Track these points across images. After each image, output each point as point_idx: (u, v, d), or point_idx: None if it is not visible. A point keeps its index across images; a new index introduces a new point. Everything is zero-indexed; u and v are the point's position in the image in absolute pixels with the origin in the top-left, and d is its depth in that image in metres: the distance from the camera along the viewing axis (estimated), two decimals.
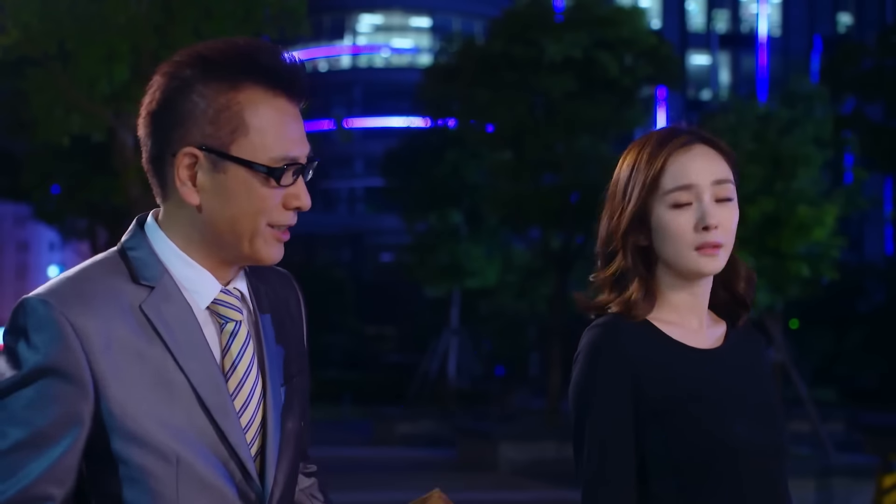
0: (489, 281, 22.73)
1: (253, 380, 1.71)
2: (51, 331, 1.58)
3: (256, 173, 1.66)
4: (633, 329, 2.03)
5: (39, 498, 1.57)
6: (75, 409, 1.59)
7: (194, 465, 1.62)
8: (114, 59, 11.70)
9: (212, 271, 1.71)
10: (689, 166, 2.02)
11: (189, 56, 1.70)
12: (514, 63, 17.14)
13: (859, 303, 28.87)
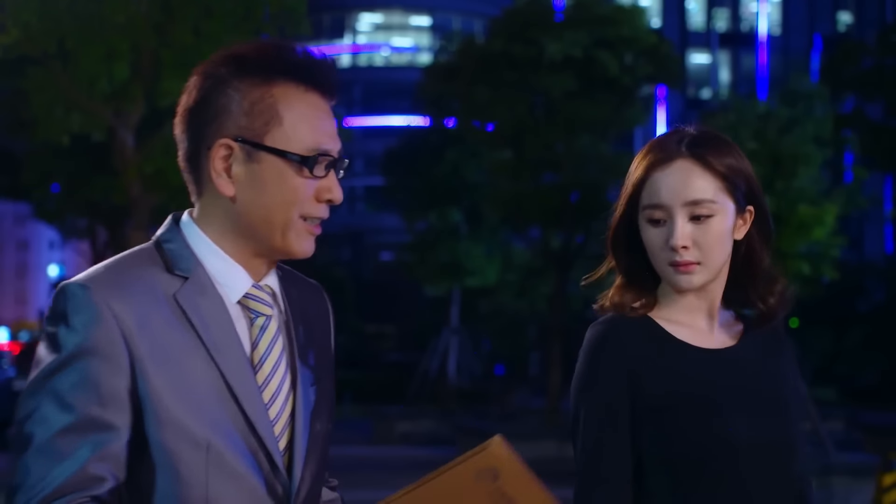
0: (489, 280, 22.73)
1: (281, 375, 1.73)
2: (90, 313, 1.61)
3: (290, 163, 1.70)
4: (634, 327, 2.05)
5: (93, 478, 1.58)
6: (117, 389, 1.61)
7: (224, 454, 1.64)
8: (114, 58, 11.70)
9: (244, 266, 1.74)
10: (662, 185, 2.02)
11: (223, 56, 1.75)
12: (514, 62, 17.14)
13: (859, 302, 28.87)
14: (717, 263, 2.04)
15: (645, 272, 2.10)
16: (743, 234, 2.09)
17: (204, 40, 11.87)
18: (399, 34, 49.21)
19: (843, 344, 26.76)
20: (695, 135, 2.07)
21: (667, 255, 2.02)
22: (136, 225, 12.80)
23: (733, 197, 2.04)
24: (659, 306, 2.10)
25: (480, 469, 1.68)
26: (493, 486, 1.69)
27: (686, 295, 2.08)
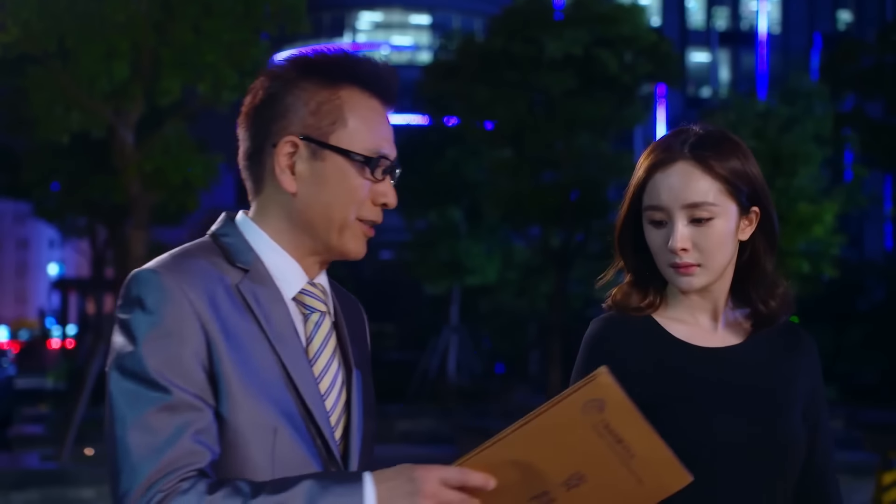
0: (489, 278, 22.73)
1: (334, 371, 1.79)
2: (164, 296, 1.65)
3: (353, 162, 1.75)
4: (631, 325, 2.07)
5: (194, 453, 1.61)
6: (198, 369, 1.64)
7: (289, 440, 1.68)
8: (113, 56, 11.69)
9: (299, 264, 1.79)
10: (662, 187, 2.03)
11: (291, 59, 1.80)
12: (514, 60, 17.14)
13: (859, 300, 28.87)
14: (718, 265, 2.04)
15: (653, 271, 2.11)
16: (748, 234, 2.08)
17: (204, 39, 11.87)
18: (399, 32, 49.21)
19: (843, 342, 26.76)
20: (700, 135, 2.06)
21: (667, 256, 2.03)
22: (135, 223, 12.79)
23: (735, 199, 2.04)
24: (665, 305, 2.11)
25: (587, 400, 1.69)
26: (598, 417, 1.70)
27: (690, 294, 2.08)
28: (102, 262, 24.14)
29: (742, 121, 15.48)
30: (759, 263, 2.09)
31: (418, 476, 1.60)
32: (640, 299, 2.11)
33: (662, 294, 2.13)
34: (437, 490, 1.60)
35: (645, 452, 1.72)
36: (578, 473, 1.73)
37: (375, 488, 1.58)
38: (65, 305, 36.49)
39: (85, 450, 12.96)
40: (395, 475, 1.60)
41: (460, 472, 1.61)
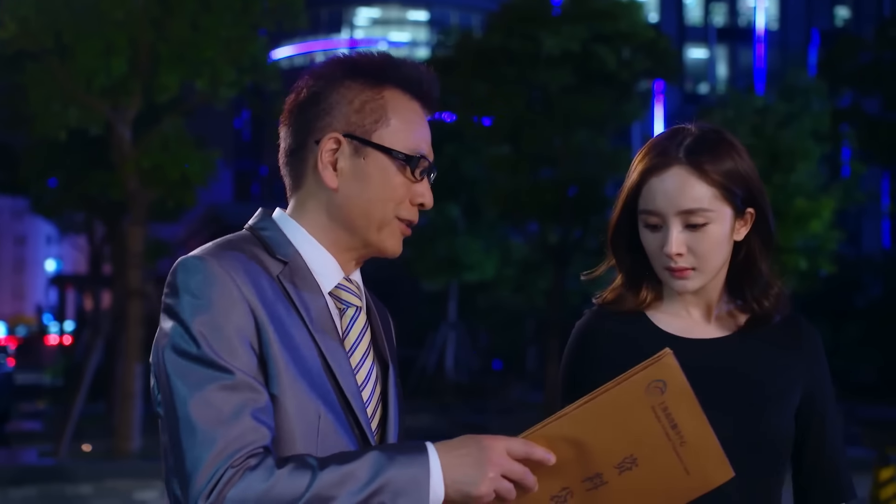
0: (487, 275, 22.74)
1: (369, 365, 1.82)
2: (212, 280, 1.68)
3: (394, 160, 1.79)
4: (620, 318, 2.11)
5: (257, 430, 1.63)
6: (251, 350, 1.67)
7: (331, 426, 1.72)
8: (111, 52, 11.68)
9: (336, 259, 1.83)
10: (658, 192, 2.03)
11: (336, 60, 1.85)
12: (512, 57, 17.13)
13: (857, 297, 28.89)
14: (713, 268, 2.06)
15: (647, 270, 2.12)
16: (743, 235, 2.09)
17: (202, 35, 11.86)
18: (397, 28, 49.17)
19: (841, 339, 26.78)
20: (695, 136, 2.06)
21: (662, 260, 2.05)
22: (133, 220, 12.78)
23: (730, 202, 2.04)
24: (656, 300, 2.13)
25: (651, 381, 1.73)
26: (659, 399, 1.73)
27: None
28: (100, 258, 24.13)
29: (740, 117, 15.48)
30: (755, 263, 2.10)
31: (485, 445, 1.65)
32: (634, 300, 2.13)
33: (657, 291, 2.14)
34: (502, 459, 1.64)
35: (696, 441, 1.75)
36: (632, 457, 1.76)
37: (440, 457, 1.64)
38: (62, 301, 36.47)
39: (83, 446, 12.96)
40: (461, 444, 1.66)
41: (525, 444, 1.66)
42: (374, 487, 1.60)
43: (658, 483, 1.78)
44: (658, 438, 1.75)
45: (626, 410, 1.73)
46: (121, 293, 13.05)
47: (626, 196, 2.08)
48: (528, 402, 22.49)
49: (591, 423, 1.73)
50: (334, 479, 1.59)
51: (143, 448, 12.35)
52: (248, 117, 50.65)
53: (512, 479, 1.65)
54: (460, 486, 1.63)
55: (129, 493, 10.73)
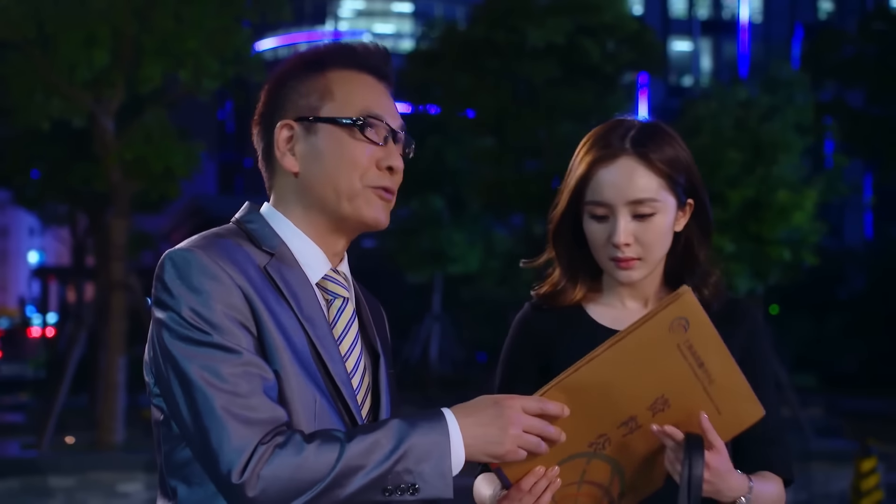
0: (471, 267, 22.73)
1: (357, 354, 1.84)
2: (206, 272, 1.70)
3: (343, 128, 1.80)
4: (557, 311, 2.16)
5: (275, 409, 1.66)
6: (251, 336, 1.70)
7: (325, 412, 1.74)
8: (94, 44, 11.61)
9: (322, 248, 1.84)
10: (606, 183, 2.06)
11: (287, 59, 1.90)
12: (497, 49, 17.13)
13: (839, 289, 29.01)
14: (657, 258, 2.10)
15: (586, 264, 2.15)
16: (682, 225, 2.13)
17: (185, 26, 11.81)
18: (381, 20, 49.07)
19: (823, 330, 26.89)
20: (638, 128, 2.09)
21: (608, 250, 2.08)
22: (116, 211, 12.73)
23: (674, 193, 2.08)
24: (594, 294, 2.18)
25: (674, 318, 1.75)
26: (683, 337, 1.76)
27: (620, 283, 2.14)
28: (83, 250, 24.02)
29: (723, 110, 15.51)
30: (693, 253, 2.14)
31: (503, 404, 1.70)
32: (570, 293, 2.17)
33: (592, 284, 2.18)
34: (520, 416, 1.69)
35: (723, 380, 1.78)
36: (663, 398, 1.79)
37: (458, 421, 1.69)
38: (45, 293, 36.31)
39: (65, 438, 12.92)
40: (477, 406, 1.71)
41: (539, 400, 1.71)
42: (399, 454, 1.64)
43: (692, 424, 1.80)
44: (687, 377, 1.77)
45: (652, 350, 1.75)
46: (104, 285, 13.00)
47: (573, 188, 2.11)
48: None
49: (619, 366, 1.75)
50: (362, 449, 1.63)
51: (126, 440, 12.32)
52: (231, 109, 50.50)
53: (533, 433, 1.70)
54: (484, 446, 1.69)
55: (112, 485, 10.70)
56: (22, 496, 10.46)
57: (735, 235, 14.83)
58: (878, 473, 9.37)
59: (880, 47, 20.96)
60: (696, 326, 1.77)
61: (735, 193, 14.66)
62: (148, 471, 10.51)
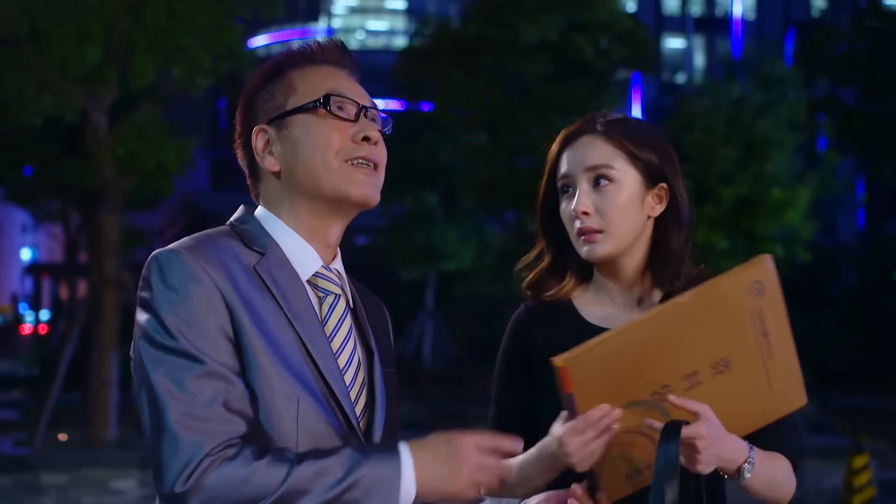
0: (464, 264, 22.74)
1: (350, 350, 1.84)
2: (187, 273, 1.71)
3: (310, 112, 1.83)
4: (548, 310, 2.19)
5: (232, 421, 1.67)
6: (225, 340, 1.71)
7: (311, 410, 1.74)
8: (86, 39, 11.58)
9: (314, 238, 1.85)
10: (570, 157, 2.15)
11: (251, 78, 1.93)
12: (490, 46, 17.12)
13: (832, 286, 29.06)
14: (619, 232, 2.11)
15: (572, 254, 2.18)
16: (658, 212, 2.15)
17: (177, 23, 11.79)
18: (374, 17, 49.03)
19: (816, 327, 26.93)
20: (613, 117, 2.17)
21: (574, 225, 2.12)
22: (109, 208, 12.70)
23: (637, 167, 2.12)
24: (584, 289, 2.20)
25: (752, 281, 1.81)
26: (756, 302, 1.81)
27: (605, 276, 2.17)
28: (75, 246, 23.98)
29: (716, 107, 15.52)
30: (665, 241, 2.15)
31: (455, 442, 1.69)
32: (557, 284, 2.20)
33: (580, 278, 2.21)
34: (473, 455, 1.69)
35: (782, 357, 1.85)
36: (726, 360, 1.84)
37: (413, 456, 1.68)
38: (38, 290, 36.26)
39: (58, 435, 12.90)
40: (432, 444, 1.70)
41: (492, 438, 1.72)
42: (348, 483, 1.63)
43: (745, 393, 1.85)
44: (750, 344, 1.83)
45: (727, 307, 1.80)
46: (96, 282, 12.98)
47: (547, 170, 2.19)
48: None
49: (693, 316, 1.79)
50: (310, 473, 1.63)
51: (119, 437, 12.31)
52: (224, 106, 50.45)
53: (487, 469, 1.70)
54: (437, 483, 1.68)
55: (105, 482, 10.69)
56: (14, 493, 10.45)
57: (728, 232, 14.85)
58: (870, 470, 9.40)
59: (873, 44, 20.98)
60: (770, 294, 1.82)
61: (728, 190, 14.68)
62: (141, 468, 10.50)
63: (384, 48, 45.88)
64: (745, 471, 1.95)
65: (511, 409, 2.20)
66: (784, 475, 2.08)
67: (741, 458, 1.94)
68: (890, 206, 32.54)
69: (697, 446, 1.84)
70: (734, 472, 1.96)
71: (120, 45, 11.98)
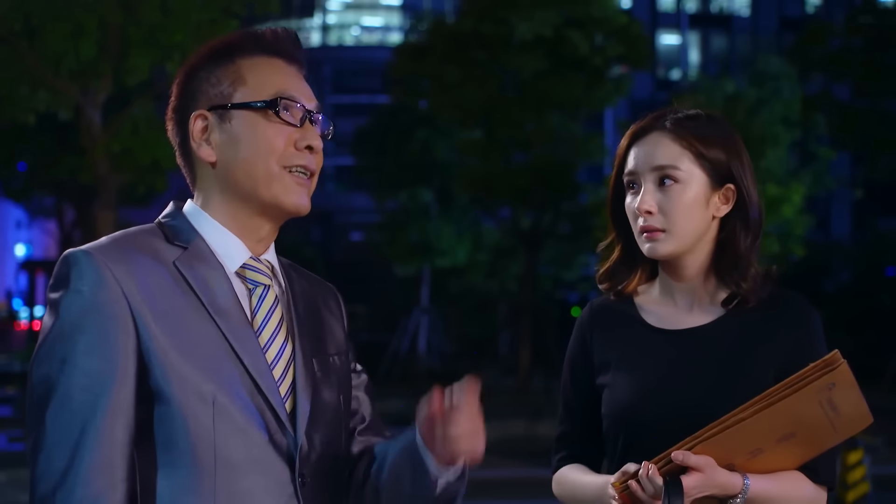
0: (459, 259, 22.74)
1: (280, 342, 1.81)
2: (93, 276, 1.69)
3: (257, 112, 1.78)
4: (608, 309, 2.21)
5: (114, 438, 1.66)
6: (124, 346, 1.68)
7: (230, 408, 1.71)
8: (80, 35, 11.56)
9: (243, 236, 1.82)
10: (638, 154, 2.13)
11: (195, 52, 1.88)
12: (485, 41, 17.12)
13: (826, 281, 29.10)
14: (683, 232, 2.09)
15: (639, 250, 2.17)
16: (724, 213, 2.13)
17: (172, 18, 11.77)
18: (369, 13, 48.97)
19: None
20: (684, 112, 2.14)
21: (638, 222, 2.11)
22: (103, 204, 12.69)
23: (704, 168, 2.09)
24: (649, 285, 2.20)
25: (825, 384, 1.89)
26: (827, 395, 1.90)
27: (668, 274, 2.16)
28: (70, 242, 23.94)
29: (711, 103, 15.53)
30: (732, 243, 2.13)
31: None
32: (629, 277, 2.20)
33: (649, 273, 2.21)
34: None
35: (849, 411, 1.93)
36: (791, 433, 1.94)
37: None
38: (32, 286, 36.18)
39: None
40: None
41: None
42: None
43: (810, 443, 1.96)
44: (818, 419, 1.92)
45: (796, 409, 1.89)
46: None
47: (616, 165, 2.16)
48: (500, 386, 22.55)
49: (762, 424, 1.90)
50: None
51: None
52: None
53: None
54: None
55: None
56: (8, 489, 10.44)
57: None
58: (864, 465, 9.41)
59: (867, 40, 21.00)
60: (842, 386, 1.90)
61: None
62: None
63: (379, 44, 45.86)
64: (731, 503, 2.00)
65: (574, 408, 2.24)
66: (798, 497, 2.06)
67: (734, 491, 1.99)
68: (884, 201, 32.58)
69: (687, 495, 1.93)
70: None
71: (114, 41, 11.97)
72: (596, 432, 2.16)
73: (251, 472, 1.72)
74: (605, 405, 2.14)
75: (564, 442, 2.24)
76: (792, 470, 2.04)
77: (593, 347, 2.18)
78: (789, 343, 2.10)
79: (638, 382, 2.10)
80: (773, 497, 2.02)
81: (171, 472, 1.69)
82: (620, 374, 2.12)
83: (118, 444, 1.67)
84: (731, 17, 43.25)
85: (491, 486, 10.78)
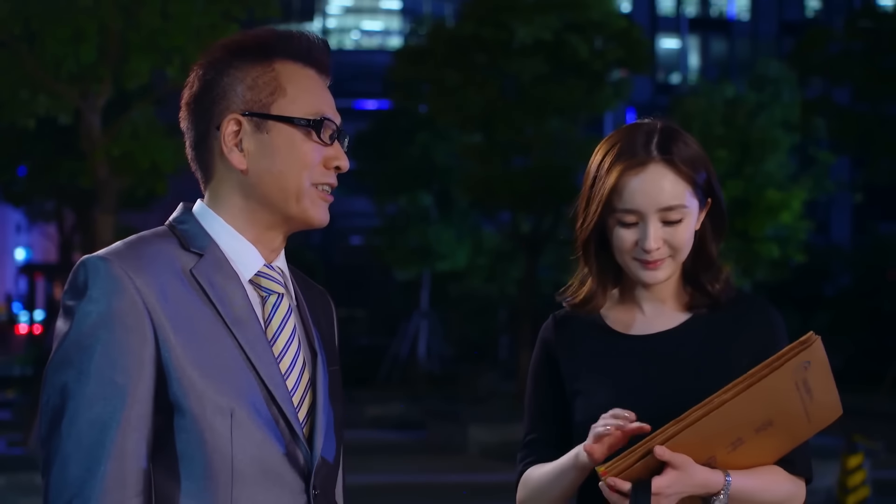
0: (459, 264, 22.73)
1: (294, 351, 1.80)
2: (111, 284, 1.66)
3: (298, 128, 1.78)
4: (574, 321, 2.21)
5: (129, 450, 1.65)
6: (142, 357, 1.66)
7: (248, 421, 1.70)
8: (80, 39, 11.57)
9: (257, 244, 1.80)
10: (636, 191, 2.09)
11: (220, 45, 1.84)
12: (485, 45, 17.13)
13: (825, 286, 29.10)
14: (683, 257, 2.14)
15: (613, 267, 2.19)
16: (699, 224, 2.17)
17: (172, 23, 11.78)
18: (369, 17, 49.00)
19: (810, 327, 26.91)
20: (660, 131, 2.12)
21: (636, 253, 2.11)
22: (103, 208, 12.69)
23: (696, 195, 2.14)
24: (611, 299, 2.22)
25: (800, 362, 1.92)
26: (802, 375, 1.94)
27: (637, 284, 2.18)
28: (70, 246, 23.94)
29: (711, 107, 15.54)
30: (706, 249, 2.18)
31: None
32: (601, 300, 2.21)
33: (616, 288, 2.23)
34: None
35: (822, 397, 1.98)
36: (769, 421, 1.96)
37: None
38: (32, 290, 36.21)
39: None
40: None
41: None
42: None
43: (786, 433, 2.00)
44: (794, 404, 1.95)
45: (775, 390, 1.91)
46: None
47: (604, 199, 2.12)
48: (500, 390, 22.53)
49: (744, 406, 1.90)
50: None
51: None
52: None
53: None
54: None
55: None
56: (8, 493, 10.43)
57: None
58: (864, 470, 9.41)
59: (867, 45, 21.01)
60: (816, 366, 1.94)
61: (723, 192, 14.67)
62: None
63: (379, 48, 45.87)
64: (715, 501, 2.01)
65: (543, 416, 2.23)
66: (778, 491, 2.10)
67: (715, 487, 2.00)
68: (884, 205, 32.59)
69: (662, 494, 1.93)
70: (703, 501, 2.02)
71: (114, 45, 11.97)
72: (565, 439, 2.15)
73: (267, 485, 1.70)
74: (580, 412, 2.14)
75: (532, 447, 2.23)
76: (770, 465, 2.07)
77: (559, 357, 2.19)
78: (757, 342, 2.14)
79: (612, 387, 2.11)
80: (755, 492, 2.04)
81: (188, 485, 1.67)
82: (593, 380, 2.14)
83: (135, 456, 1.65)
84: (731, 21, 43.28)
85: (491, 490, 10.78)
